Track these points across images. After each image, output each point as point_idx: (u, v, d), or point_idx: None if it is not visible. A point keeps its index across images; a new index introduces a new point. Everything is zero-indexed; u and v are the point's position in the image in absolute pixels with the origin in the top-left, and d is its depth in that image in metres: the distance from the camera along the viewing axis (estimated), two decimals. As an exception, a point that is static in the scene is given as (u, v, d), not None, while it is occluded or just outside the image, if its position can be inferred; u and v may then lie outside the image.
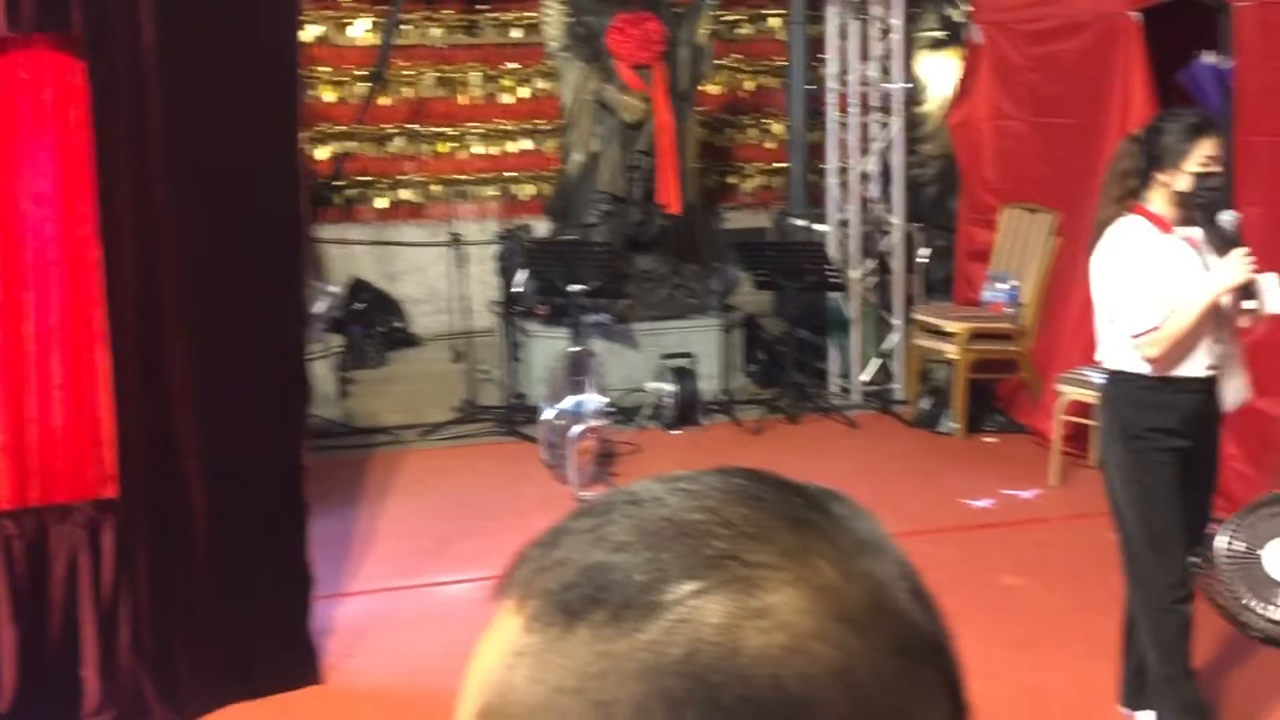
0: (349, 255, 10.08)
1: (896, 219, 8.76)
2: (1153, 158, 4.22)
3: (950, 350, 7.86)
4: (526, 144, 10.46)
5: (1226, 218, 4.20)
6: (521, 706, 0.66)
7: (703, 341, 8.47)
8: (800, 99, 9.91)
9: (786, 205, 10.03)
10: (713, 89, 10.64)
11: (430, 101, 10.30)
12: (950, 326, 7.88)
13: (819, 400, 8.42)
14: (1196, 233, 4.26)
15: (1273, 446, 6.04)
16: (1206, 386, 4.26)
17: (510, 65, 10.39)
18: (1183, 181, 4.17)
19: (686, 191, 8.82)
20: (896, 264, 8.74)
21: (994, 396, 8.07)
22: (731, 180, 10.90)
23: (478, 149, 10.39)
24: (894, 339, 8.70)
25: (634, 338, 8.46)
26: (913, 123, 9.40)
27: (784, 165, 10.55)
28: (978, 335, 7.80)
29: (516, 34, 10.39)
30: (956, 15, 9.47)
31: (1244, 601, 1.37)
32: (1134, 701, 4.66)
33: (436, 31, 10.31)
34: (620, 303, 8.38)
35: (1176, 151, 4.18)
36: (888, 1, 8.78)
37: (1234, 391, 4.35)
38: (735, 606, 0.64)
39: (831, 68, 8.92)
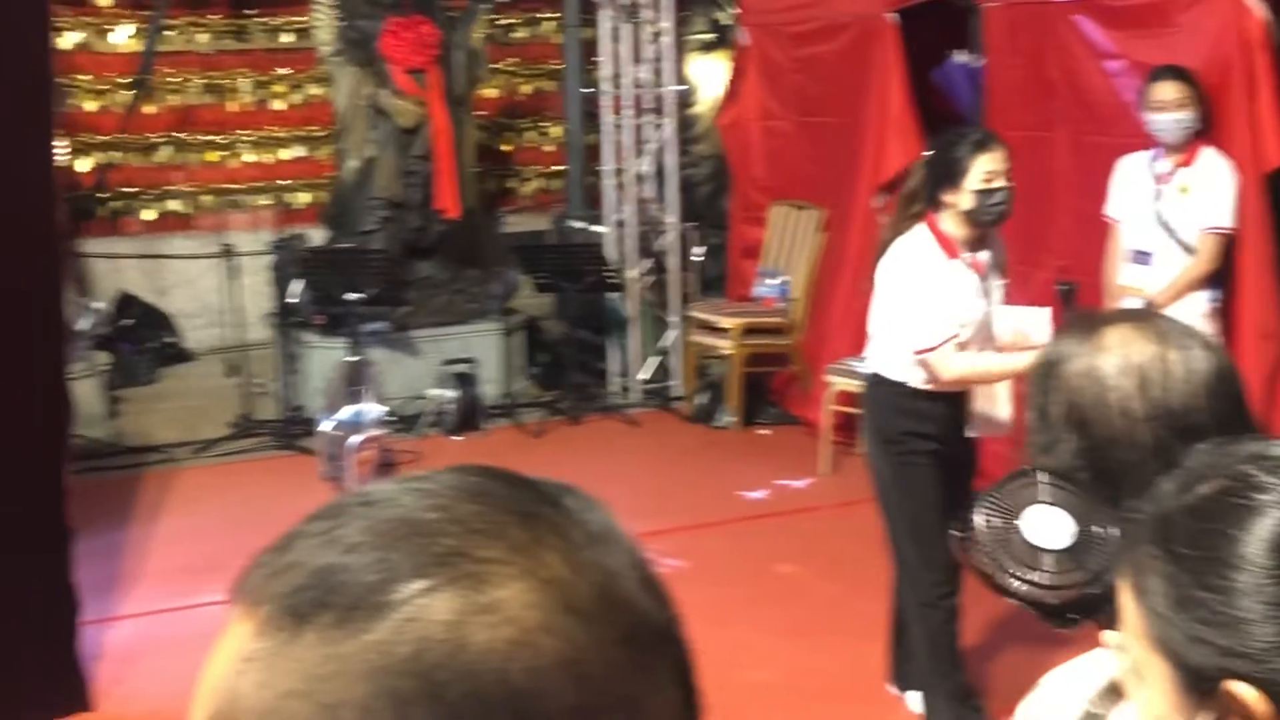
0: (116, 269, 9.79)
1: (671, 219, 8.88)
2: (936, 178, 4.29)
3: (725, 346, 8.00)
4: (300, 151, 10.30)
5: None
6: (250, 713, 0.66)
7: (484, 346, 8.47)
8: (576, 102, 9.97)
9: (565, 207, 10.08)
10: (489, 93, 10.63)
11: (198, 109, 10.07)
12: (724, 322, 8.02)
13: (600, 400, 8.50)
14: (984, 255, 4.35)
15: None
16: (955, 399, 4.38)
17: (281, 71, 10.22)
18: (966, 200, 4.23)
19: (465, 196, 8.80)
20: (672, 263, 8.86)
21: (768, 389, 8.25)
22: (510, 184, 10.90)
23: (249, 157, 10.19)
24: (671, 337, 8.82)
25: (414, 345, 8.40)
26: (685, 124, 9.53)
27: (562, 168, 10.60)
28: (750, 330, 7.96)
29: (287, 39, 10.22)
30: (725, 18, 9.64)
31: (1008, 569, 1.44)
32: (903, 682, 4.82)
33: (203, 37, 10.08)
34: (399, 310, 8.32)
35: (957, 170, 4.23)
36: (658, 5, 8.89)
37: (987, 421, 4.43)
38: (463, 603, 0.65)
39: (605, 71, 9.00)
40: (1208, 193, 5.50)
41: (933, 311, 4.20)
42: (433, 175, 8.53)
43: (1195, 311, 5.39)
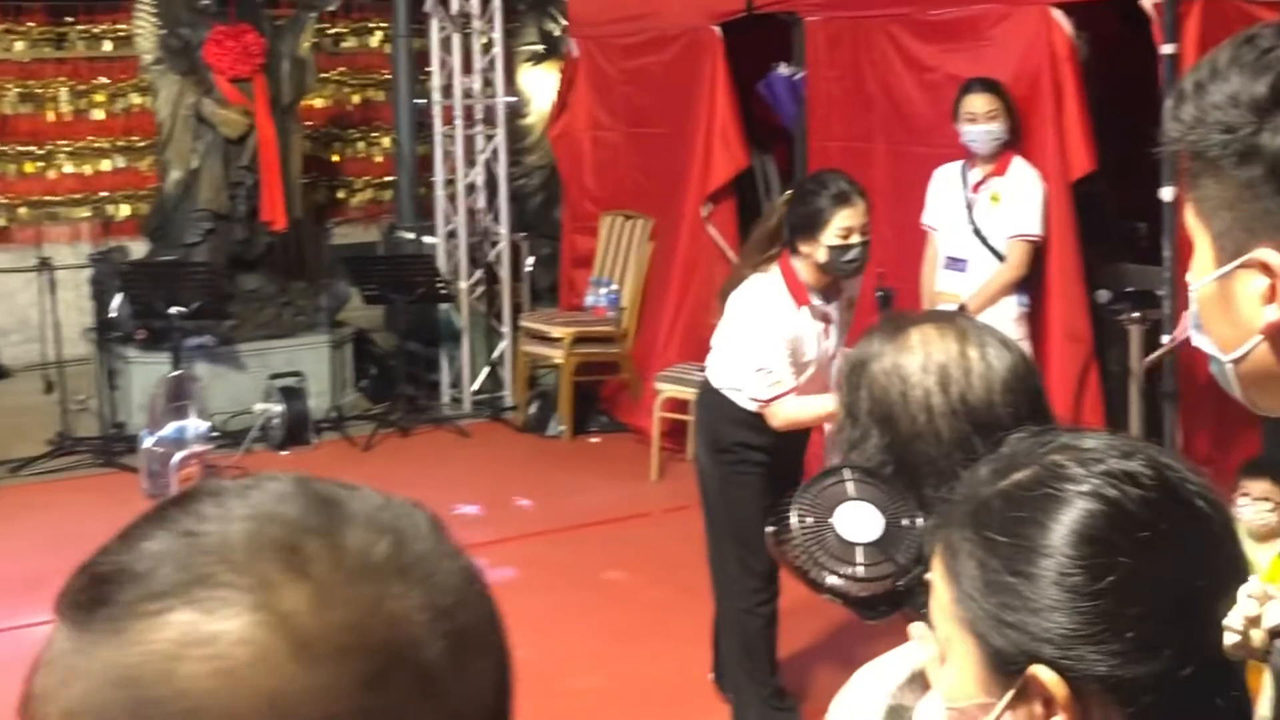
0: (-73, 284, 9.47)
1: (502, 229, 8.87)
2: (794, 225, 4.28)
3: (556, 355, 8.02)
4: (120, 162, 10.05)
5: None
6: (39, 698, 0.68)
7: (312, 359, 8.35)
8: (406, 112, 9.91)
9: (395, 219, 10.00)
10: (318, 103, 10.50)
11: (14, 119, 9.76)
12: (555, 332, 8.03)
13: (431, 412, 8.44)
14: (833, 306, 4.37)
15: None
16: None
17: (101, 80, 9.97)
18: (821, 253, 4.23)
19: (292, 207, 8.68)
20: (504, 273, 8.85)
21: (598, 398, 8.28)
22: (339, 195, 10.78)
23: (68, 168, 9.92)
24: (503, 347, 8.81)
25: (240, 359, 8.26)
26: (516, 135, 9.53)
27: (392, 179, 10.52)
28: (581, 339, 7.99)
29: (107, 47, 9.98)
30: (555, 29, 9.67)
31: (824, 565, 1.47)
32: (723, 682, 4.88)
33: (20, 45, 9.79)
34: (224, 324, 8.17)
35: (816, 222, 4.22)
36: (489, 15, 8.87)
37: None
38: (185, 629, 0.65)
39: (435, 81, 8.95)
40: (1017, 201, 5.67)
41: (771, 365, 4.19)
42: (259, 186, 8.40)
43: (1006, 316, 5.55)
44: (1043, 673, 1.06)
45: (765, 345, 4.21)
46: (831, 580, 1.52)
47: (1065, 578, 1.06)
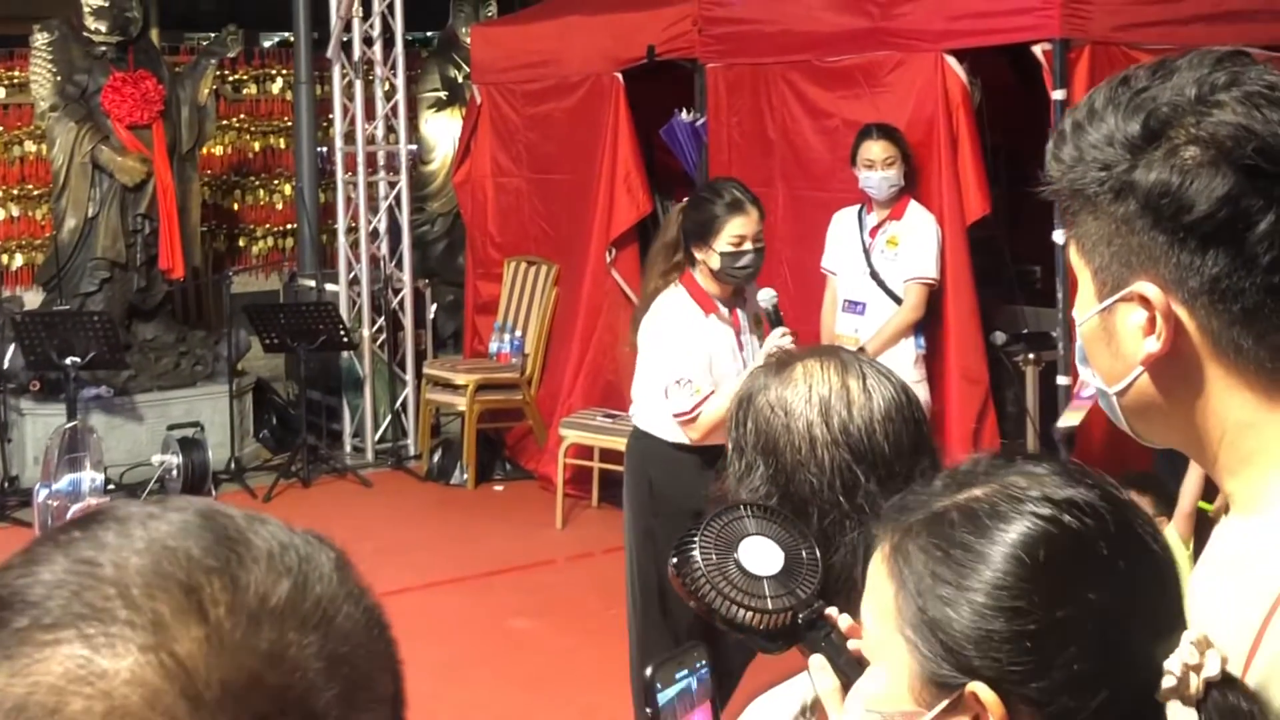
0: None
1: (406, 276, 8.82)
2: (688, 232, 4.31)
3: (460, 402, 7.97)
4: (15, 210, 9.88)
5: (764, 296, 4.26)
6: None
7: (211, 409, 8.23)
8: (309, 159, 9.85)
9: (296, 266, 9.92)
10: (219, 150, 10.42)
11: (-95, 167, 9.58)
12: (459, 379, 7.99)
13: (333, 461, 8.34)
14: (741, 317, 4.38)
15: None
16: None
17: (-5, 128, 9.81)
18: (714, 260, 4.25)
19: (191, 255, 8.59)
20: (407, 320, 8.80)
21: (503, 445, 8.24)
22: (240, 242, 10.67)
23: (-39, 217, 9.74)
24: (406, 395, 8.74)
25: (137, 410, 8.12)
26: (419, 181, 9.52)
27: (293, 226, 10.44)
28: (485, 386, 7.95)
29: (1, 94, 9.83)
30: (458, 75, 9.68)
31: (732, 598, 1.50)
32: None
33: (-88, 92, 9.63)
34: (121, 374, 8.04)
35: (709, 229, 4.24)
36: (391, 62, 8.86)
37: None
38: (74, 665, 0.63)
39: (339, 128, 8.91)
40: (913, 245, 5.75)
41: (688, 374, 4.18)
42: (157, 234, 8.30)
43: (904, 358, 5.61)
44: (982, 691, 1.06)
45: (679, 355, 4.23)
46: (740, 614, 1.54)
47: (1003, 595, 1.06)
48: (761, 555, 1.58)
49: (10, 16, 11.07)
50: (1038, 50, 5.62)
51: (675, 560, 1.57)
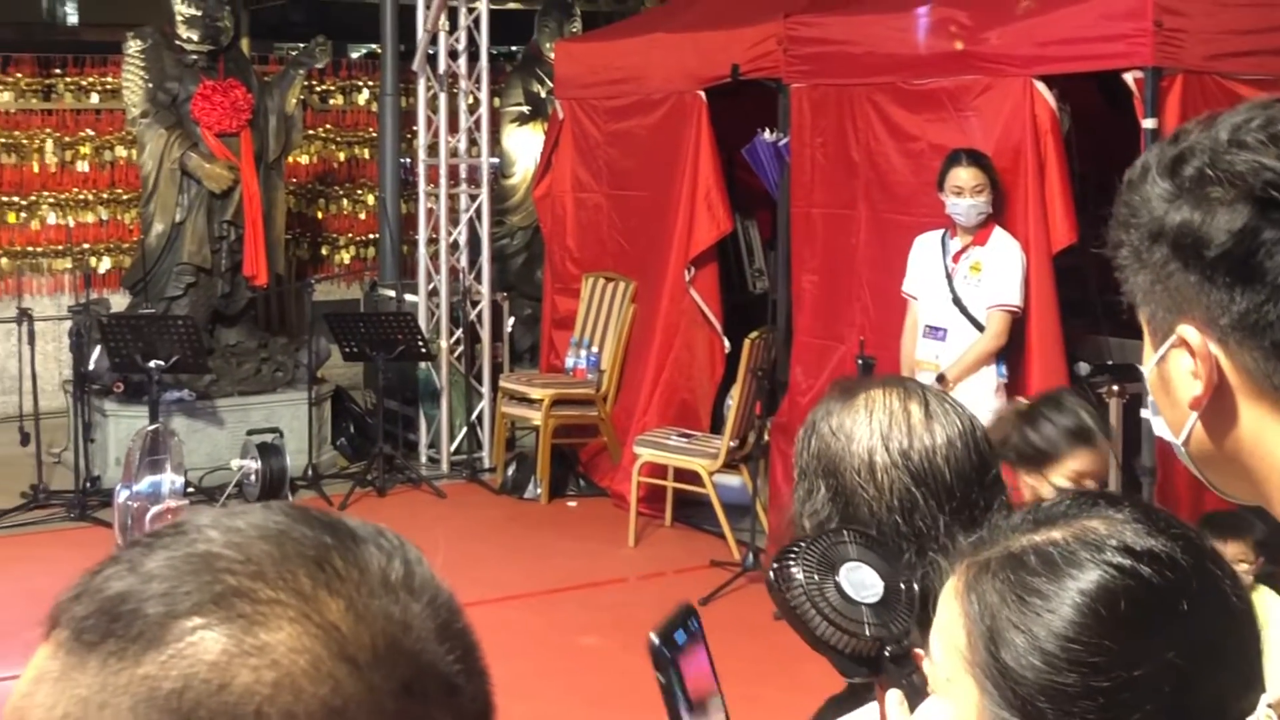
0: (-94, 332, 9.43)
1: (484, 289, 8.86)
2: (1019, 452, 3.39)
3: (535, 417, 7.98)
4: (104, 214, 10.05)
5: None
6: None
7: (290, 416, 8.32)
8: (392, 170, 9.93)
9: (377, 276, 10.00)
10: (304, 159, 10.54)
11: (-1, 169, 9.77)
12: (535, 393, 8.01)
13: (408, 471, 8.39)
14: None
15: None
16: None
17: (88, 132, 9.98)
18: (1046, 490, 3.24)
19: (274, 263, 8.68)
20: (485, 333, 8.84)
21: (577, 461, 8.25)
22: (323, 251, 10.79)
23: (51, 219, 9.91)
24: (482, 407, 8.78)
25: (218, 414, 8.22)
26: (500, 194, 9.57)
27: (375, 236, 10.53)
28: (561, 401, 7.96)
29: (95, 100, 10.01)
30: (541, 90, 9.73)
31: (830, 618, 1.51)
32: None
33: (7, 96, 9.81)
34: (203, 378, 8.14)
35: (1043, 458, 3.33)
36: (475, 76, 8.91)
37: None
38: (232, 643, 0.66)
39: (422, 140, 8.98)
40: (998, 272, 5.68)
41: None
42: (242, 241, 8.40)
43: (985, 386, 5.55)
44: None
45: None
46: (835, 635, 1.55)
47: (1076, 648, 1.05)
48: (861, 582, 1.59)
49: (104, 23, 11.29)
50: (1129, 78, 5.55)
51: (775, 572, 1.59)
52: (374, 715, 0.67)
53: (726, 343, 7.54)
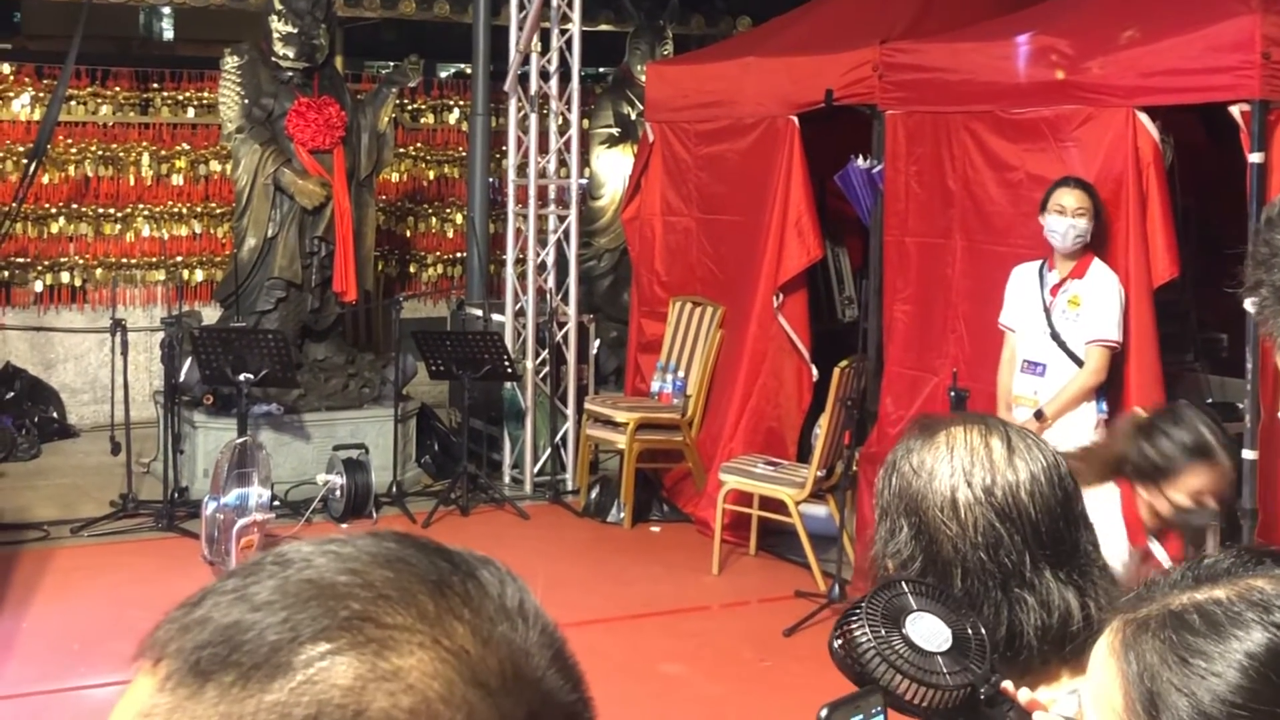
0: (2, 341, 9.58)
1: (571, 310, 8.86)
2: (1138, 467, 3.40)
3: (619, 440, 7.96)
4: (197, 227, 10.17)
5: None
6: None
7: (376, 432, 8.36)
8: (481, 190, 9.97)
9: (465, 295, 10.04)
10: (394, 177, 10.62)
11: (96, 181, 9.92)
12: (620, 417, 7.98)
13: (492, 491, 8.39)
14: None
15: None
16: None
17: (183, 146, 10.11)
18: (1162, 505, 3.38)
19: (364, 279, 8.74)
20: (570, 354, 8.83)
21: (661, 486, 8.21)
22: (411, 269, 10.85)
23: (145, 231, 10.05)
24: (566, 429, 8.77)
25: (305, 428, 8.28)
26: (588, 216, 9.57)
27: (463, 255, 10.58)
28: (646, 425, 7.93)
29: (190, 114, 10.14)
30: (631, 112, 9.73)
31: (908, 674, 1.48)
32: None
33: (105, 108, 9.96)
34: (291, 392, 8.20)
35: (1161, 474, 3.36)
36: (566, 97, 8.93)
37: None
38: (365, 668, 0.65)
39: (512, 160, 9.00)
40: (1096, 306, 5.58)
41: None
42: (332, 257, 8.46)
43: (1085, 422, 5.45)
44: None
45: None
46: (919, 691, 1.50)
47: (1240, 712, 1.01)
48: (928, 632, 1.55)
49: (199, 39, 11.45)
50: (1235, 111, 5.44)
51: (840, 641, 1.55)
52: None
53: (814, 371, 7.47)
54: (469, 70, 10.47)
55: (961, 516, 1.67)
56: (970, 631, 1.55)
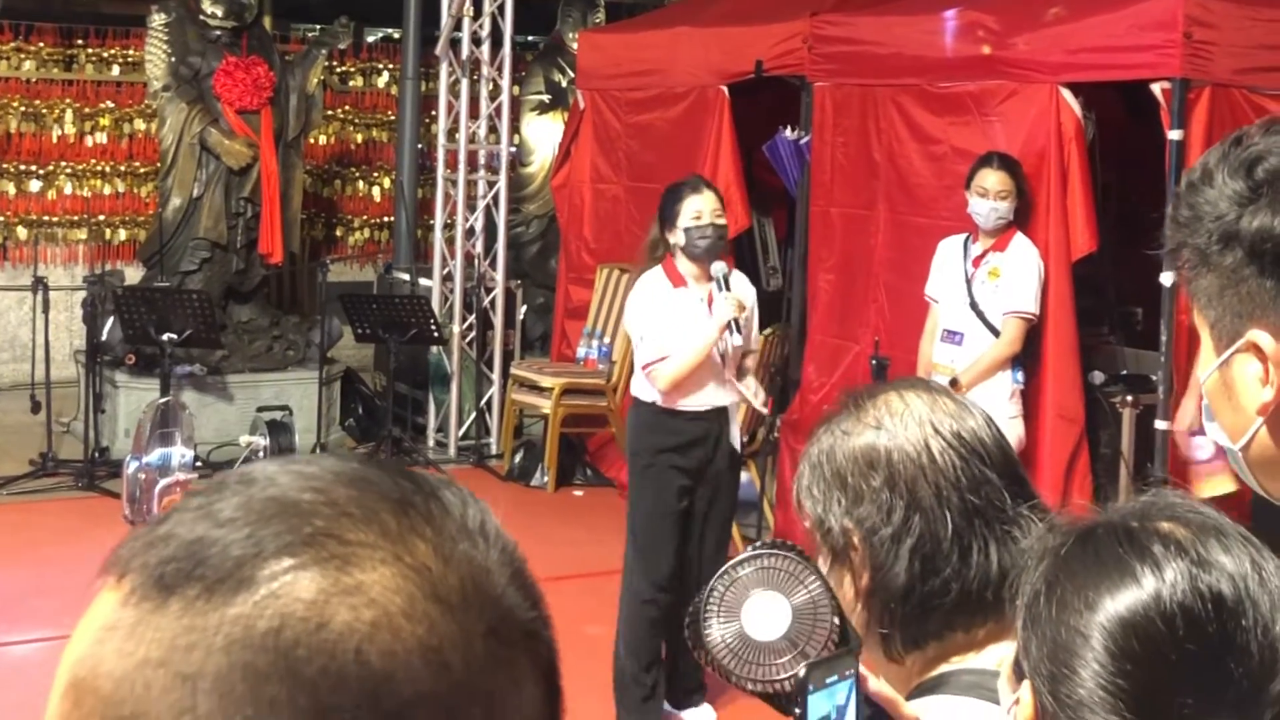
0: (-82, 298, 9.45)
1: (499, 276, 8.86)
2: (661, 223, 5.03)
3: (544, 405, 7.99)
4: (121, 186, 10.05)
5: (716, 268, 4.90)
6: (108, 679, 0.66)
7: (301, 394, 8.33)
8: (409, 154, 9.93)
9: (392, 259, 10.01)
10: (322, 140, 10.54)
11: (17, 138, 9.77)
12: (545, 381, 8.01)
13: (415, 455, 8.40)
14: (714, 287, 4.90)
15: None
16: (709, 419, 4.93)
17: (107, 104, 9.98)
18: (680, 237, 4.93)
19: (290, 241, 8.69)
20: (497, 320, 8.84)
21: (585, 450, 8.25)
22: (338, 232, 10.79)
23: (68, 189, 9.91)
24: (492, 393, 8.78)
25: (228, 389, 8.23)
26: (517, 183, 9.56)
27: (390, 219, 10.53)
28: (570, 390, 7.96)
29: (115, 72, 10.01)
30: (562, 80, 9.72)
31: (742, 673, 1.45)
32: (679, 701, 5.22)
33: (29, 64, 9.81)
34: (215, 353, 8.14)
35: (671, 212, 4.98)
36: (498, 63, 8.91)
37: (734, 434, 5.06)
38: (327, 583, 0.66)
39: (442, 125, 8.97)
40: (1015, 278, 5.68)
41: (651, 333, 4.87)
42: (258, 218, 8.41)
43: (1001, 392, 5.55)
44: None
45: (645, 318, 4.90)
46: (751, 687, 1.50)
47: (1100, 669, 1.03)
48: (769, 613, 1.51)
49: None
50: (1156, 89, 5.55)
51: (690, 636, 1.53)
52: (466, 656, 0.67)
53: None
54: (397, 35, 10.41)
55: (939, 462, 1.62)
56: (811, 603, 1.51)
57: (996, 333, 5.67)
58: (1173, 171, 5.47)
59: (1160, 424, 5.50)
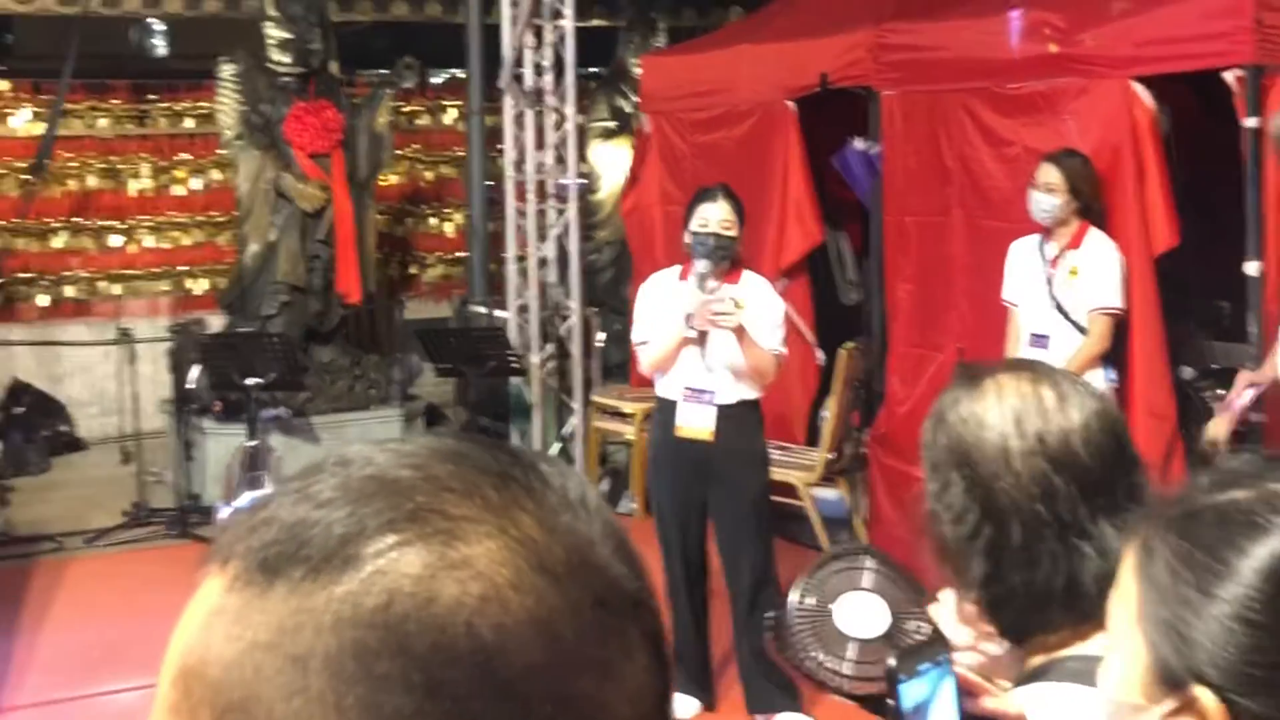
0: (9, 356, 9.60)
1: (574, 304, 8.88)
2: (684, 221, 5.36)
3: (627, 431, 7.98)
4: (200, 236, 10.21)
5: (699, 265, 5.13)
6: (218, 664, 0.66)
7: (384, 432, 8.38)
8: (479, 188, 9.98)
9: (467, 293, 10.06)
10: (393, 179, 10.64)
11: (96, 194, 9.95)
12: (627, 408, 8.00)
13: (502, 486, 8.40)
14: (724, 288, 5.14)
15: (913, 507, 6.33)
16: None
17: (183, 156, 10.14)
18: (687, 238, 5.25)
19: (366, 281, 8.77)
20: (575, 348, 8.85)
21: (671, 474, 8.21)
22: (413, 270, 10.88)
23: (148, 242, 10.08)
24: (574, 422, 8.79)
25: (314, 431, 8.30)
26: (588, 210, 9.59)
27: (464, 254, 10.60)
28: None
29: (189, 124, 10.17)
30: (626, 106, 9.74)
31: (813, 655, 1.43)
32: (755, 705, 5.34)
33: (104, 121, 10.00)
34: (299, 396, 8.22)
35: (688, 215, 5.31)
36: (561, 92, 8.95)
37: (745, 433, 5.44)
38: (433, 558, 0.66)
39: (509, 157, 9.02)
40: (1095, 274, 5.60)
41: (643, 316, 5.30)
42: (334, 260, 8.49)
43: (1092, 391, 5.47)
44: (1205, 696, 1.03)
45: (642, 301, 5.38)
46: (815, 670, 1.47)
47: (1246, 609, 1.03)
48: (867, 613, 1.51)
49: (195, 54, 11.46)
50: (1229, 76, 5.45)
51: (772, 600, 1.51)
52: (576, 626, 0.67)
53: (820, 355, 7.49)
54: (462, 75, 10.49)
55: (1015, 466, 1.63)
56: (913, 627, 1.50)
57: (1083, 331, 5.59)
58: (1249, 160, 5.38)
59: (1254, 416, 5.39)
